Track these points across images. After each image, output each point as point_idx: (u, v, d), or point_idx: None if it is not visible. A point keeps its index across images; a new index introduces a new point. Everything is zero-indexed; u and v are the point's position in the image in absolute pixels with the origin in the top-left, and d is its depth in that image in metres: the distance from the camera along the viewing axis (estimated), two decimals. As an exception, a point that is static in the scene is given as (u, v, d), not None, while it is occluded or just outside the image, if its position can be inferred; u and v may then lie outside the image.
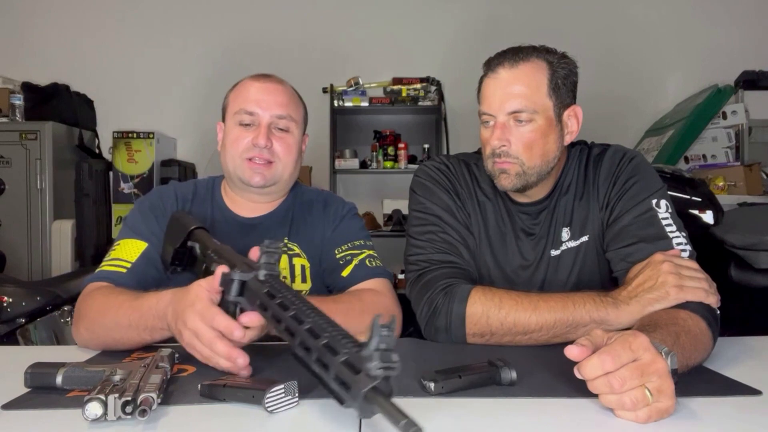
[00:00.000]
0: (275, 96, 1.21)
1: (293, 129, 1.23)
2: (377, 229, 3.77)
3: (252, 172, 1.19)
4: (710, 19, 3.92)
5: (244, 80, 1.25)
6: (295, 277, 1.21)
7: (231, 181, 1.25)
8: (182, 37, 3.99)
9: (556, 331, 0.97)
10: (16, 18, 3.99)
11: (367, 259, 1.20)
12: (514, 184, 1.11)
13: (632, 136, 3.80)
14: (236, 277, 0.83)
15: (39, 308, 2.04)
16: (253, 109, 1.19)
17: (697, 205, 2.10)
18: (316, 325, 0.66)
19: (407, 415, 0.51)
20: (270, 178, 1.20)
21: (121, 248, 1.17)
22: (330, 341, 0.63)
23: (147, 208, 1.22)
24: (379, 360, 0.56)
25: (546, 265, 1.17)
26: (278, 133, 1.21)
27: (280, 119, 1.21)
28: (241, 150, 1.19)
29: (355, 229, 1.26)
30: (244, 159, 1.19)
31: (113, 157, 3.38)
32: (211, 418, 0.70)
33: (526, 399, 0.75)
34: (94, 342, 1.03)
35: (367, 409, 0.56)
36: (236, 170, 1.21)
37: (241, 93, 1.23)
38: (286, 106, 1.22)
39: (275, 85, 1.23)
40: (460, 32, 3.99)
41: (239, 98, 1.22)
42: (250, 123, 1.20)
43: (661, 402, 0.66)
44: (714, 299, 0.95)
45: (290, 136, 1.22)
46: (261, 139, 1.17)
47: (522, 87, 1.08)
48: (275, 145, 1.20)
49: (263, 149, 1.18)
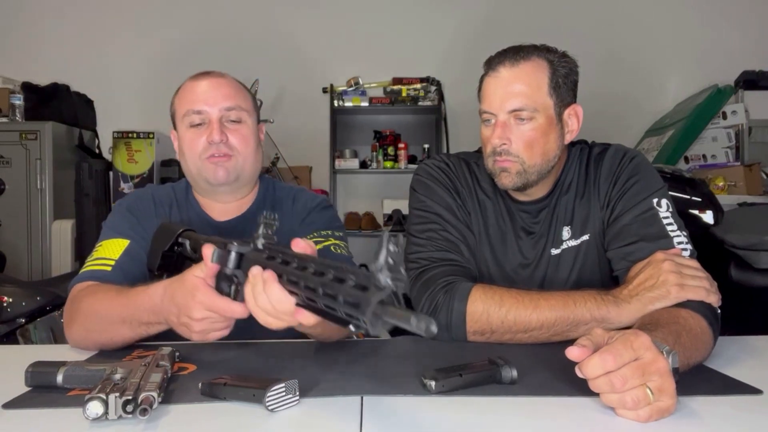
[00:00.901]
0: (220, 89, 1.19)
1: (245, 119, 1.21)
2: (377, 229, 3.77)
3: (215, 169, 1.17)
4: (710, 19, 3.93)
5: (186, 82, 1.23)
6: None
7: (197, 185, 1.24)
8: (183, 37, 3.99)
9: (556, 329, 0.97)
10: (16, 18, 3.99)
11: (332, 246, 1.18)
12: (515, 183, 1.11)
13: (632, 135, 3.80)
14: (233, 249, 0.81)
15: (39, 308, 2.04)
16: (200, 108, 1.17)
17: (697, 205, 2.10)
18: (319, 266, 0.65)
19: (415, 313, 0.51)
20: (233, 171, 1.18)
21: (104, 248, 1.16)
22: (336, 273, 0.61)
23: (125, 209, 1.23)
24: (387, 271, 0.54)
25: (546, 264, 1.17)
26: (231, 126, 1.19)
27: (230, 111, 1.18)
28: (199, 151, 1.18)
29: (324, 220, 1.24)
30: (204, 159, 1.18)
31: (113, 157, 3.38)
32: (211, 417, 0.70)
33: (527, 398, 0.75)
34: (89, 341, 1.02)
35: (377, 323, 0.54)
36: (199, 172, 1.19)
37: (186, 95, 1.21)
38: (233, 98, 1.20)
39: (217, 80, 1.21)
40: (459, 32, 3.99)
41: (184, 100, 1.20)
42: (200, 122, 1.18)
43: (662, 401, 0.66)
44: (715, 298, 0.95)
45: (244, 127, 1.20)
46: (215, 135, 1.15)
47: (523, 86, 1.08)
48: (230, 138, 1.18)
49: (219, 145, 1.16)
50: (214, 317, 0.83)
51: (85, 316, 1.02)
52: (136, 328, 0.95)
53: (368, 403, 0.73)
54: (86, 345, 1.03)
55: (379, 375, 0.83)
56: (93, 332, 1.01)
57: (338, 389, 0.77)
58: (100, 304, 1.01)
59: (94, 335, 1.01)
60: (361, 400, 0.74)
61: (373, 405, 0.73)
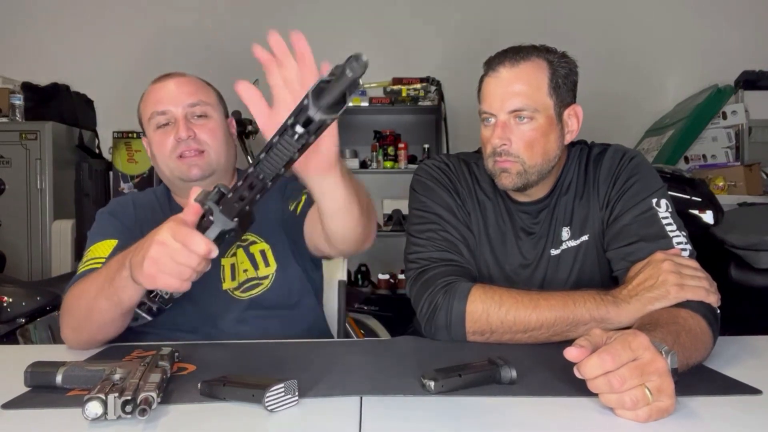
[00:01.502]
0: (181, 88, 1.21)
1: (211, 113, 1.22)
2: (377, 229, 3.77)
3: (188, 167, 1.18)
4: (710, 19, 3.92)
5: (148, 87, 1.25)
6: (257, 264, 1.21)
7: (173, 185, 1.25)
8: (183, 37, 3.99)
9: (556, 329, 0.97)
10: (16, 18, 3.99)
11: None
12: (515, 183, 1.11)
13: (632, 135, 3.80)
14: (219, 187, 0.79)
15: (39, 308, 2.04)
16: (164, 108, 1.19)
17: (697, 205, 2.10)
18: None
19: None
20: (206, 167, 1.19)
21: (92, 251, 1.17)
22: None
23: (107, 215, 1.25)
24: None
25: (546, 265, 1.17)
26: (198, 121, 1.20)
27: (194, 107, 1.20)
28: (169, 150, 1.19)
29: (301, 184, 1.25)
30: (175, 158, 1.18)
31: (113, 157, 3.38)
32: (211, 417, 0.70)
33: (526, 398, 0.75)
34: (79, 336, 1.02)
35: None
36: (173, 172, 1.20)
37: (149, 98, 1.23)
38: (196, 94, 1.21)
39: (178, 79, 1.23)
40: (459, 32, 3.99)
41: (148, 103, 1.22)
42: (166, 122, 1.19)
43: (661, 401, 0.66)
44: (714, 298, 0.95)
45: (211, 121, 1.21)
46: (182, 132, 1.17)
47: (522, 86, 1.08)
48: (199, 133, 1.19)
49: (188, 141, 1.17)
50: (175, 247, 0.77)
51: (69, 311, 1.02)
52: (107, 290, 0.92)
53: (367, 403, 0.73)
54: (78, 340, 1.03)
55: (378, 375, 0.83)
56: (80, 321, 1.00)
57: (337, 389, 0.77)
58: (80, 291, 1.00)
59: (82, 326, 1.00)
60: (361, 400, 0.74)
61: (373, 405, 0.73)
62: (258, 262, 1.21)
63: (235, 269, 1.20)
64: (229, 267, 1.20)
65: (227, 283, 1.19)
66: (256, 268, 1.21)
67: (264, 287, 1.20)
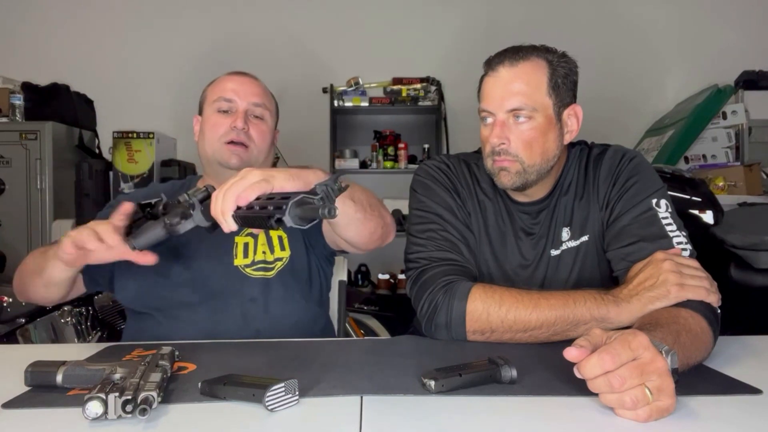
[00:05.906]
0: (251, 87, 1.33)
1: (267, 117, 1.33)
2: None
3: (230, 154, 1.27)
4: (710, 20, 3.92)
5: (221, 76, 1.36)
6: (273, 247, 1.28)
7: (209, 166, 1.33)
8: (183, 36, 3.99)
9: (556, 328, 0.97)
10: (16, 18, 3.99)
11: None
12: (514, 182, 1.11)
13: (632, 136, 3.80)
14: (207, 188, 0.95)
15: (39, 308, 2.04)
16: (231, 97, 1.29)
17: (697, 205, 2.10)
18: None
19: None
20: (246, 161, 1.27)
21: None
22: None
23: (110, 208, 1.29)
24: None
25: (546, 265, 1.17)
26: (254, 120, 1.31)
27: (256, 107, 1.31)
28: (221, 134, 1.27)
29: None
30: (223, 143, 1.27)
31: (113, 157, 3.38)
32: (211, 417, 0.70)
33: (527, 397, 0.75)
34: (18, 285, 1.20)
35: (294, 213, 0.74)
36: (215, 154, 1.28)
37: (220, 84, 1.33)
38: (261, 96, 1.33)
39: (251, 79, 1.35)
40: (459, 32, 3.99)
41: (217, 88, 1.32)
42: (228, 110, 1.29)
43: (661, 401, 0.66)
44: (715, 298, 0.95)
45: (264, 124, 1.32)
46: (239, 122, 1.27)
47: (522, 85, 1.08)
48: (251, 130, 1.29)
49: (240, 132, 1.27)
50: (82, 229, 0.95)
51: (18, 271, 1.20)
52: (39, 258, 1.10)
53: (368, 403, 0.73)
54: (20, 294, 1.21)
55: (378, 375, 0.83)
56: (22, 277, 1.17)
57: (338, 389, 0.77)
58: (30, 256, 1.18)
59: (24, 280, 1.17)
60: (361, 399, 0.74)
61: (373, 405, 0.73)
62: (275, 245, 1.28)
63: (249, 248, 1.26)
64: (242, 245, 1.26)
65: (239, 259, 1.25)
66: (273, 251, 1.27)
67: (276, 269, 1.25)
